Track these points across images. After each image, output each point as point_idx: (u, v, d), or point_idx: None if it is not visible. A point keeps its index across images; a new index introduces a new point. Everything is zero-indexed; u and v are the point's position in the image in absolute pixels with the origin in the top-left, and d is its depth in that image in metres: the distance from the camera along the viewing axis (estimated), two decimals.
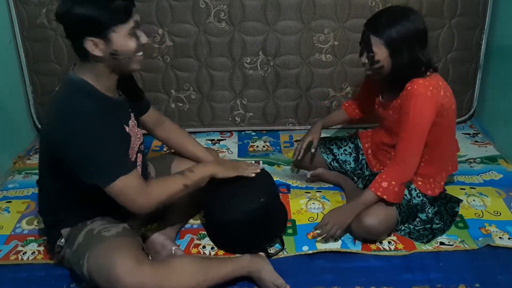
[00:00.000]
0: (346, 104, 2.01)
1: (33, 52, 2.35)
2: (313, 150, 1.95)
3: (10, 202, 1.97)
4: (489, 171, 2.11)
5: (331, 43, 2.33)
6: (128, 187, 1.34)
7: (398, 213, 1.66)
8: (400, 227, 1.71)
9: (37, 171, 2.14)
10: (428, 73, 1.58)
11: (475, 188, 1.97)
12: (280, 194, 1.94)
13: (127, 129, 1.47)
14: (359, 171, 1.96)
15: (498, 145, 2.30)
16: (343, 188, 1.97)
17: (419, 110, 1.54)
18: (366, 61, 1.62)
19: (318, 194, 1.96)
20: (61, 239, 1.48)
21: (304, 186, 2.03)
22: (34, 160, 2.29)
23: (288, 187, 2.02)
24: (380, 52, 1.57)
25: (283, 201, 1.88)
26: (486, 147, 2.31)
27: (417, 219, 1.73)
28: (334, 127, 2.48)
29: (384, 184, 1.60)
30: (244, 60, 2.37)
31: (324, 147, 2.03)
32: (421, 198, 1.70)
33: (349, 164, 1.99)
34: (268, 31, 2.31)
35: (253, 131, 2.53)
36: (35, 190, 2.04)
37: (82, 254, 1.39)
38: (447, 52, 2.38)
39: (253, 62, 2.37)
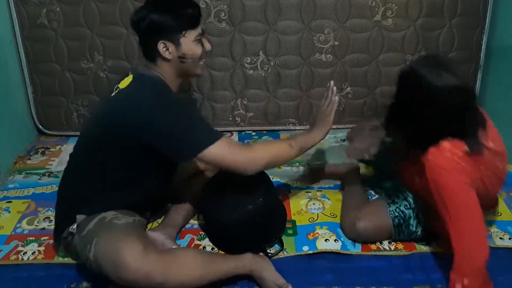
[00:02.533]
0: None
1: (33, 52, 2.35)
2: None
3: (11, 202, 1.96)
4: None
5: (331, 43, 2.34)
6: (225, 151, 1.41)
7: (392, 226, 1.63)
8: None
9: (37, 171, 2.18)
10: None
11: None
12: (280, 194, 1.95)
13: None
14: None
15: None
16: (345, 179, 1.94)
17: (445, 188, 1.34)
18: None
19: (318, 194, 1.96)
20: (74, 225, 1.49)
21: (305, 186, 2.03)
22: (34, 160, 2.29)
23: (289, 187, 2.02)
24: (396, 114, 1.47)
25: (283, 202, 1.88)
26: None
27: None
28: (334, 127, 2.48)
29: (458, 286, 1.36)
30: (245, 60, 2.37)
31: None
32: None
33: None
34: (268, 31, 2.32)
35: (254, 131, 2.52)
36: (35, 190, 2.04)
37: (90, 239, 1.41)
38: (447, 52, 2.37)
39: (253, 62, 2.38)
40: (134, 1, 2.24)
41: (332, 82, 1.60)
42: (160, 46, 1.43)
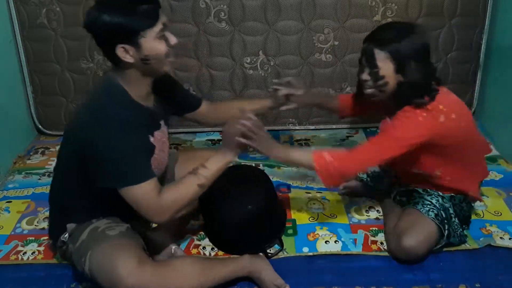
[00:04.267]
0: (344, 98, 1.87)
1: (33, 52, 2.35)
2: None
3: (10, 202, 1.97)
4: (489, 171, 2.10)
5: (331, 43, 2.33)
6: (141, 196, 1.32)
7: (437, 227, 1.58)
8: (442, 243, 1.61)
9: (37, 171, 2.18)
10: (428, 99, 1.49)
11: None
12: (280, 193, 1.95)
13: (151, 139, 1.45)
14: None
15: (498, 145, 2.30)
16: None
17: (404, 127, 1.47)
18: (368, 78, 1.52)
19: (318, 195, 1.96)
20: (65, 234, 1.48)
21: (305, 186, 2.03)
22: (34, 160, 2.29)
23: (289, 187, 2.02)
24: (385, 66, 1.47)
25: (283, 201, 1.88)
26: None
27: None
28: (333, 126, 2.49)
29: (328, 157, 1.50)
30: (244, 60, 2.37)
31: None
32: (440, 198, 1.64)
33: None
34: (268, 31, 2.31)
35: None
36: (35, 190, 2.04)
37: (85, 252, 1.39)
38: (447, 52, 2.37)
39: (253, 62, 2.37)
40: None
41: (249, 113, 1.48)
42: (119, 51, 1.29)
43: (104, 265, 1.34)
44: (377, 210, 1.85)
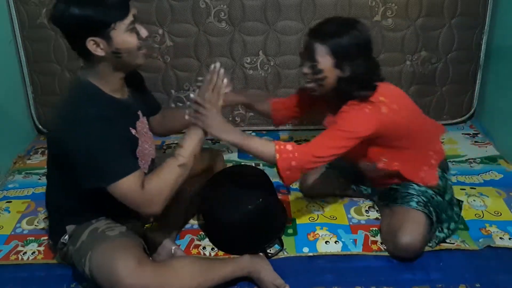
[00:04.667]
0: (276, 101, 1.87)
1: (33, 52, 2.35)
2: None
3: (10, 202, 1.97)
4: (489, 171, 2.11)
5: None
6: (126, 190, 1.30)
7: (424, 214, 1.59)
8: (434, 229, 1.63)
9: (37, 171, 2.18)
10: (369, 92, 1.51)
11: (475, 189, 1.97)
12: (280, 195, 1.94)
13: (133, 131, 1.44)
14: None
15: (498, 145, 2.30)
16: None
17: (353, 120, 1.48)
18: (308, 71, 1.53)
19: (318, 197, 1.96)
20: (65, 235, 1.47)
21: None
22: (34, 160, 2.29)
23: (289, 187, 2.02)
24: (324, 61, 1.48)
25: (283, 202, 1.88)
26: (486, 147, 2.31)
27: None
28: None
29: (289, 147, 1.48)
30: (244, 60, 2.37)
31: None
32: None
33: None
34: (268, 31, 2.32)
35: (253, 131, 2.52)
36: (35, 190, 2.04)
37: (85, 253, 1.39)
38: (447, 52, 2.38)
39: (253, 62, 2.38)
40: (133, 1, 2.24)
41: (218, 64, 1.43)
42: (90, 44, 1.27)
43: (104, 266, 1.34)
44: (377, 210, 1.85)
